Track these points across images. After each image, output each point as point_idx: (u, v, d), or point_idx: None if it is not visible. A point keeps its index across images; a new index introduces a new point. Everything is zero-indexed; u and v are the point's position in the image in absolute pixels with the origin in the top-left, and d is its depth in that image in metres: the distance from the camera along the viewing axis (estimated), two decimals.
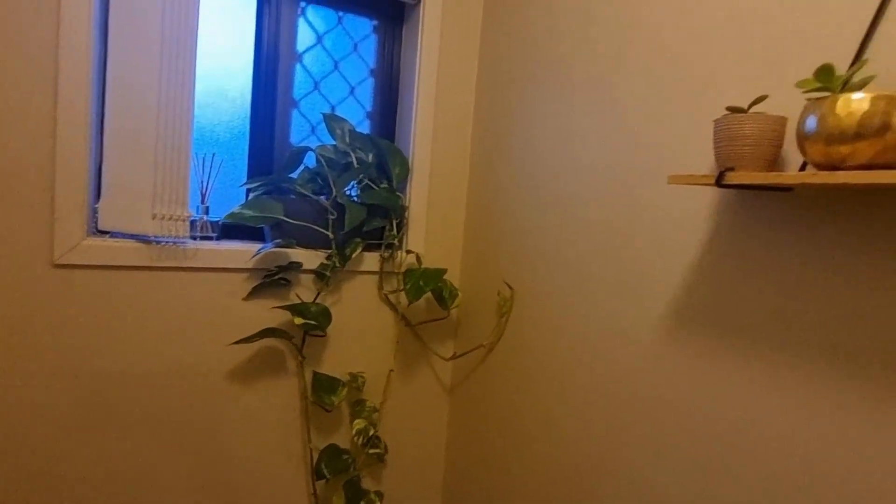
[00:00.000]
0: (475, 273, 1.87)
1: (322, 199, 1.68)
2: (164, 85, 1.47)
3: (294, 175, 1.73)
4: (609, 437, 1.30)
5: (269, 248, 1.61)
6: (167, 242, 1.53)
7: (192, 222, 1.63)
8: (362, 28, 1.92)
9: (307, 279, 1.72)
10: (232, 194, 1.77)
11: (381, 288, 1.83)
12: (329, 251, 1.70)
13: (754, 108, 0.95)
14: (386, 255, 1.82)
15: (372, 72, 1.94)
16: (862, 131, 0.72)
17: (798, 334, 0.93)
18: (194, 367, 1.58)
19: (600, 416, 1.33)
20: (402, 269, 1.82)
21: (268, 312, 1.66)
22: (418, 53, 1.83)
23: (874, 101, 0.72)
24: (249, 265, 1.62)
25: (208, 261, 1.58)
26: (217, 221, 1.68)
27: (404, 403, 1.91)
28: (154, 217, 1.49)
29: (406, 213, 1.85)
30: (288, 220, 1.62)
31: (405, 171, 1.81)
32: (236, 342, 1.56)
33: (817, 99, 0.78)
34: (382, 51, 1.95)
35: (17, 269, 1.37)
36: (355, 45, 1.91)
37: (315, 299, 1.71)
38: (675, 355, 1.14)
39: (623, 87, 1.30)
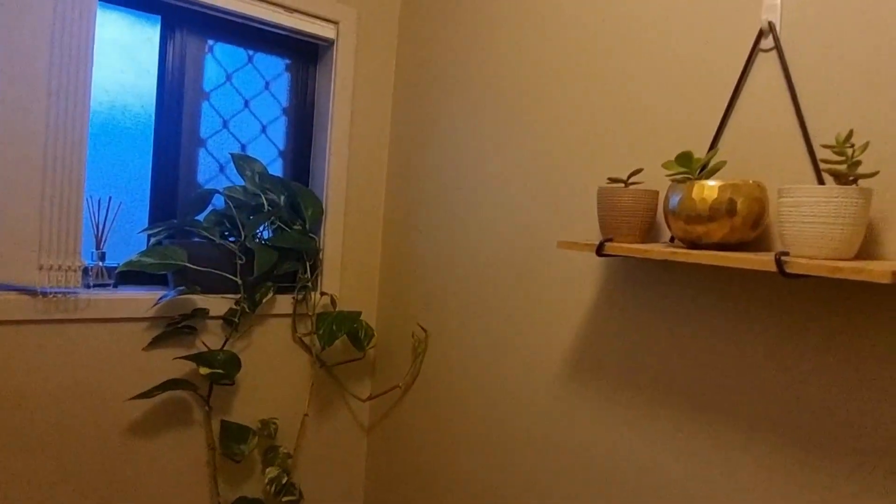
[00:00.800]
0: (392, 314, 1.88)
1: (230, 243, 1.64)
2: (53, 125, 1.39)
3: (200, 218, 1.68)
4: (514, 477, 1.34)
5: (172, 296, 1.55)
6: (57, 294, 1.43)
7: (87, 269, 1.54)
8: (274, 67, 1.90)
9: (215, 325, 1.66)
10: (133, 238, 1.68)
11: (294, 331, 1.80)
12: (238, 296, 1.65)
13: (634, 178, 1.04)
14: (299, 297, 1.79)
15: (284, 110, 1.92)
16: (713, 215, 0.81)
17: (673, 387, 1.01)
18: (90, 424, 1.48)
19: (507, 456, 1.37)
20: (317, 312, 1.80)
21: (171, 363, 1.59)
22: (332, 93, 1.84)
23: (722, 189, 0.80)
24: (150, 314, 1.54)
25: (104, 311, 1.49)
26: (114, 268, 1.59)
27: (320, 447, 1.88)
28: (41, 268, 1.39)
29: (320, 255, 1.83)
30: (192, 266, 1.56)
31: (318, 212, 1.80)
32: (134, 397, 1.48)
33: (678, 181, 0.86)
34: (295, 89, 1.93)
35: None
36: (267, 84, 1.89)
37: (223, 346, 1.65)
38: (572, 400, 1.20)
39: (528, 147, 1.36)
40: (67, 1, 1.38)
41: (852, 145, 0.71)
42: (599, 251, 0.91)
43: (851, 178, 0.71)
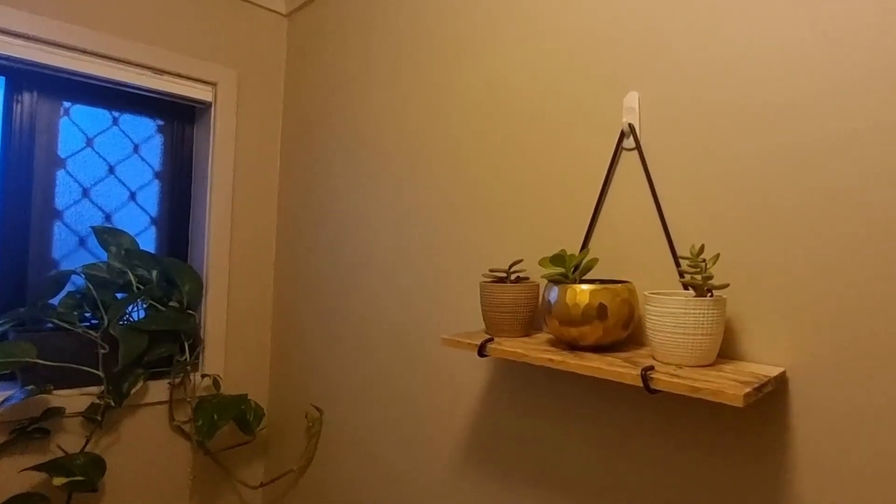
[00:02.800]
0: (284, 393, 1.76)
1: (90, 331, 1.46)
2: None
3: (55, 302, 1.49)
4: None
5: (18, 399, 1.34)
6: None
7: None
8: (144, 128, 1.75)
9: (73, 423, 1.46)
10: None
11: (171, 419, 1.63)
12: (101, 389, 1.47)
13: (515, 267, 1.04)
14: (176, 381, 1.63)
15: (157, 174, 1.77)
16: (586, 319, 0.81)
17: (555, 481, 1.00)
18: None
19: None
20: (198, 395, 1.64)
21: (17, 476, 1.37)
22: (210, 155, 1.72)
23: (593, 293, 0.81)
24: None
25: None
26: None
27: None
28: None
29: (201, 334, 1.68)
30: (43, 361, 1.37)
31: (197, 286, 1.66)
32: None
33: (554, 282, 0.86)
34: (170, 151, 1.79)
35: None
36: (136, 147, 1.73)
37: (83, 448, 1.45)
38: (463, 487, 1.16)
39: (414, 230, 1.34)
40: None
41: (704, 260, 0.74)
42: (481, 352, 0.89)
43: (707, 289, 0.75)
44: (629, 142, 0.92)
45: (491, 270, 0.99)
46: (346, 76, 1.58)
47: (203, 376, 1.67)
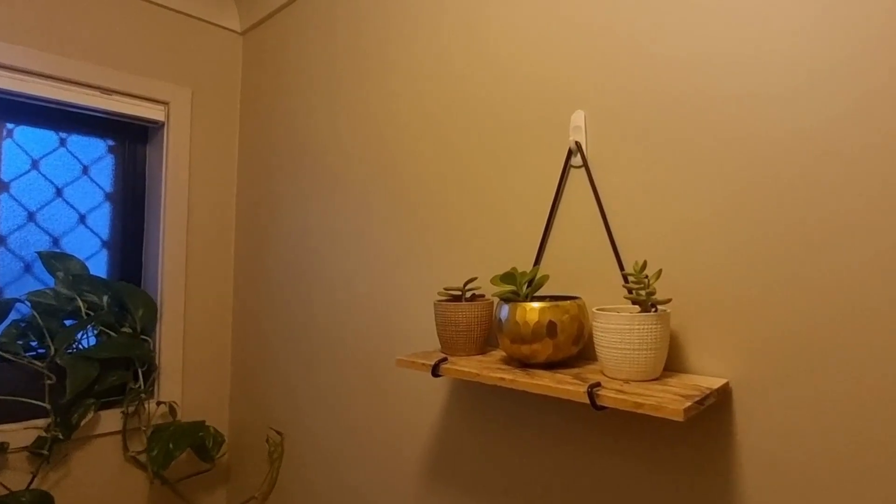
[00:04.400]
0: (244, 417, 1.71)
1: (34, 362, 1.40)
2: None
3: None
4: None
5: None
6: None
7: None
8: (94, 149, 1.70)
9: (18, 459, 1.39)
10: None
11: (126, 449, 1.57)
12: (48, 421, 1.41)
13: (470, 285, 1.04)
14: (130, 410, 1.57)
15: (108, 196, 1.72)
16: (536, 337, 0.82)
17: (519, 497, 0.99)
18: None
19: None
20: (153, 423, 1.58)
21: None
22: (164, 175, 1.68)
23: (542, 311, 0.82)
24: None
25: None
26: None
27: None
28: None
29: (155, 360, 1.63)
30: None
31: (151, 311, 1.61)
32: None
33: (504, 300, 0.86)
34: (121, 172, 1.74)
35: None
36: (85, 168, 1.68)
37: (30, 484, 1.39)
38: (426, 498, 1.15)
39: (369, 249, 1.33)
40: None
41: (647, 276, 0.75)
42: (434, 372, 0.88)
43: (651, 304, 0.76)
44: (577, 159, 0.94)
45: (445, 289, 0.99)
46: (301, 91, 1.57)
47: (158, 403, 1.62)
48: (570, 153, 0.94)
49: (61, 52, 1.48)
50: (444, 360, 0.90)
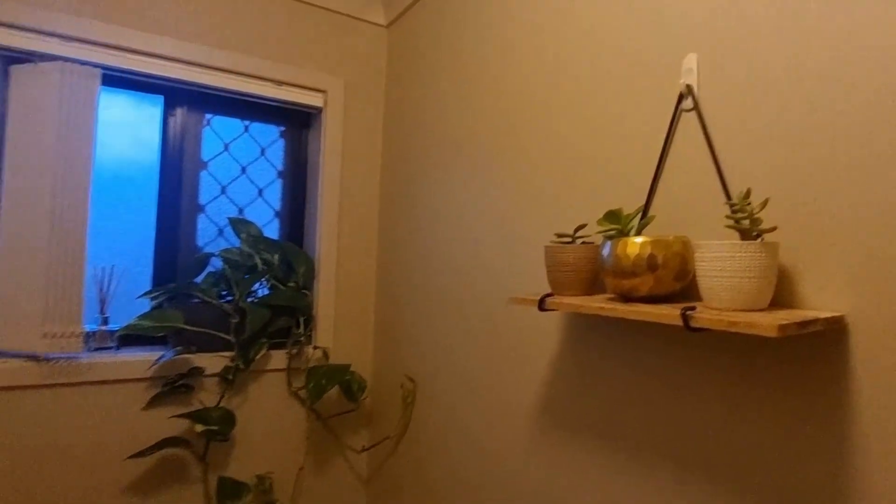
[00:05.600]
0: (384, 365, 1.92)
1: (225, 304, 1.72)
2: (58, 203, 1.51)
3: (198, 280, 1.78)
4: None
5: (169, 357, 1.63)
6: (59, 359, 1.52)
7: (91, 333, 1.64)
8: (269, 134, 2.03)
9: (211, 382, 1.73)
10: (137, 301, 1.78)
11: (289, 385, 1.85)
12: (232, 354, 1.73)
13: (581, 233, 1.09)
14: (293, 352, 1.85)
15: (280, 174, 2.04)
16: (637, 270, 0.85)
17: (628, 434, 1.02)
18: (91, 485, 1.55)
19: (489, 498, 1.37)
20: (309, 366, 1.85)
21: (168, 422, 1.65)
22: (321, 155, 1.95)
23: (643, 245, 0.84)
24: (149, 374, 1.62)
25: (105, 373, 1.58)
26: (116, 332, 1.69)
27: (318, 499, 1.90)
28: (45, 335, 1.49)
29: (313, 311, 1.90)
30: (188, 327, 1.65)
31: (310, 270, 1.88)
32: (131, 456, 1.54)
33: (609, 237, 0.90)
34: (290, 153, 2.06)
35: None
36: (262, 150, 2.01)
37: (218, 403, 1.72)
38: (542, 443, 1.21)
39: (497, 203, 1.43)
40: (71, 90, 1.53)
41: (749, 203, 0.75)
42: (541, 306, 0.95)
43: (755, 233, 0.75)
44: (688, 102, 0.94)
45: (557, 235, 1.05)
46: (432, 72, 1.72)
47: (315, 348, 1.88)
48: (680, 97, 0.95)
49: (242, 50, 1.80)
50: (550, 295, 0.97)
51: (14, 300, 1.48)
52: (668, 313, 0.74)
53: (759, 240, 0.75)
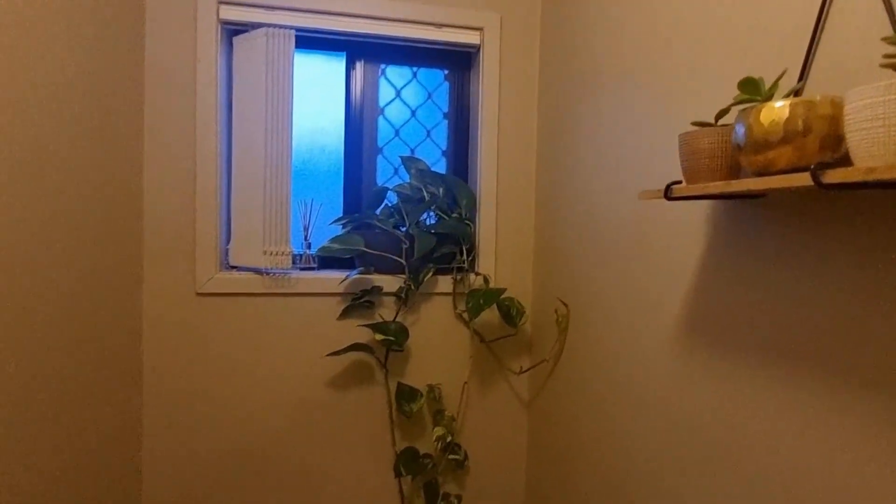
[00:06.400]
0: (543, 292, 1.97)
1: (398, 231, 1.94)
2: (268, 153, 1.86)
3: (377, 211, 2.02)
4: (646, 447, 1.32)
5: (354, 275, 1.90)
6: (275, 273, 1.90)
7: (298, 256, 1.99)
8: (435, 78, 2.18)
9: (388, 301, 1.97)
10: (333, 231, 2.11)
11: (454, 307, 2.02)
12: (405, 276, 1.94)
13: (722, 120, 0.99)
14: (458, 278, 2.01)
15: (445, 115, 2.19)
16: (772, 138, 0.76)
17: (790, 341, 0.92)
18: (301, 373, 1.92)
19: (637, 425, 1.35)
20: (471, 289, 1.99)
21: (356, 330, 1.94)
22: (480, 92, 2.03)
23: (793, 107, 0.75)
24: (340, 290, 1.93)
25: (308, 287, 1.92)
26: (315, 254, 2.03)
27: (482, 415, 2.06)
28: (265, 253, 1.87)
29: (475, 239, 2.03)
30: (368, 250, 1.90)
31: (472, 201, 2.00)
32: (329, 354, 1.86)
33: (743, 109, 0.82)
34: (454, 95, 2.18)
35: (172, 297, 1.83)
36: (429, 94, 2.17)
37: (395, 318, 1.96)
38: (689, 360, 1.15)
39: (659, 129, 1.36)
40: (273, 52, 1.84)
41: None
42: (667, 194, 0.90)
43: None
44: None
45: (694, 123, 0.98)
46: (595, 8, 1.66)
47: (476, 274, 2.01)
48: None
49: None
50: (677, 182, 0.91)
51: (244, 226, 1.88)
52: (796, 176, 0.66)
53: None
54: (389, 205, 2.03)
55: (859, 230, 0.80)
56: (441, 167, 2.19)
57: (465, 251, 2.00)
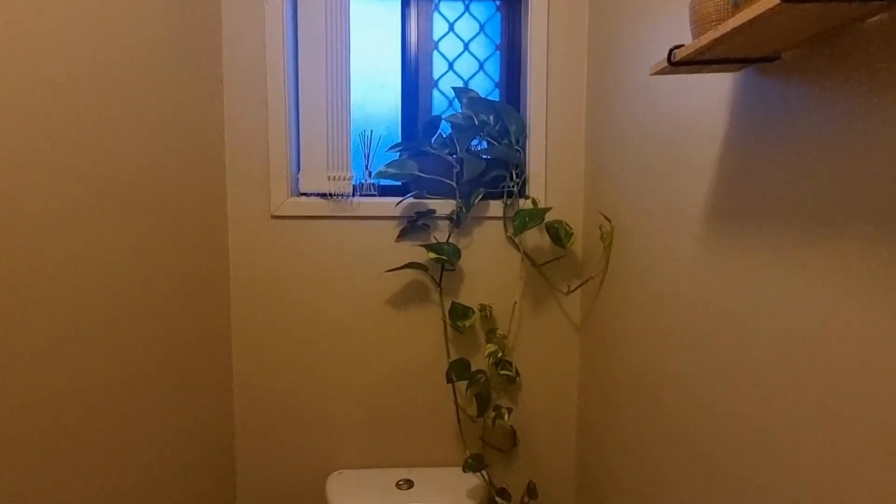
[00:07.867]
0: (590, 215, 2.00)
1: (449, 157, 2.04)
2: (330, 88, 2.02)
3: (431, 140, 2.14)
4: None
5: (408, 198, 2.04)
6: (339, 198, 2.08)
7: (360, 184, 2.16)
8: (488, 10, 2.22)
9: (442, 223, 2.10)
10: (388, 157, 2.25)
11: (505, 230, 2.11)
12: (456, 200, 2.05)
13: None
14: (508, 202, 2.09)
15: (497, 47, 2.23)
16: None
17: (820, 212, 0.92)
18: (364, 289, 2.10)
19: (668, 328, 1.38)
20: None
21: (412, 250, 2.09)
22: (529, 23, 2.06)
23: None
24: (396, 213, 2.07)
25: (368, 211, 2.09)
26: (377, 183, 2.18)
27: (533, 334, 2.15)
28: (329, 178, 2.05)
29: (526, 165, 2.09)
30: (421, 174, 2.03)
31: (521, 127, 2.06)
32: (388, 270, 2.02)
33: None
34: (506, 27, 2.22)
35: (250, 220, 2.07)
36: (482, 27, 2.23)
37: (447, 239, 2.08)
38: (718, 250, 1.17)
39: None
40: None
41: None
42: (670, 60, 0.93)
43: None
44: None
45: None
46: None
47: (526, 198, 2.08)
48: None
49: None
50: (680, 46, 0.94)
51: (311, 153, 2.07)
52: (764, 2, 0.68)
53: None
54: (444, 135, 2.13)
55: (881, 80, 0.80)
56: (494, 98, 2.24)
57: (514, 176, 2.07)
